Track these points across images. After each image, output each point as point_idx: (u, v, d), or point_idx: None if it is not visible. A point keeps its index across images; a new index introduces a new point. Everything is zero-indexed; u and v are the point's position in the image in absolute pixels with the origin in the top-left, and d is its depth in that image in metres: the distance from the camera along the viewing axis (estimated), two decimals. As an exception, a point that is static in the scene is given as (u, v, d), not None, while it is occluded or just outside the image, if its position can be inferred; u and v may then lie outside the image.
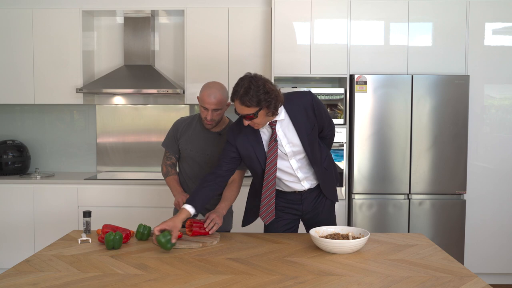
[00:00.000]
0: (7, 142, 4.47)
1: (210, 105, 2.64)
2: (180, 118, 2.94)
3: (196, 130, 2.81)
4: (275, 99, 2.34)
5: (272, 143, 2.48)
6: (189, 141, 2.81)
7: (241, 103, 2.34)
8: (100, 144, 4.72)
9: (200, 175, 2.75)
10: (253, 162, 2.54)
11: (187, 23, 4.32)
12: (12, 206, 4.19)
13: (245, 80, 2.35)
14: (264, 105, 2.33)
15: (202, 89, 2.71)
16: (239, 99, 2.34)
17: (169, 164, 2.88)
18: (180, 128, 2.84)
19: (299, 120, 2.50)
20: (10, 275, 1.98)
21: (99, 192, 4.17)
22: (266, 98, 2.31)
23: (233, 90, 2.38)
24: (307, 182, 2.62)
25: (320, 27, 4.11)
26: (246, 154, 2.53)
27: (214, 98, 2.65)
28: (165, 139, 2.91)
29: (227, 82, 4.31)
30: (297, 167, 2.57)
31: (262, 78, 2.37)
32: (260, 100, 2.31)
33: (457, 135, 4.01)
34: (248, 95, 2.30)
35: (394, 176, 4.01)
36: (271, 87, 2.35)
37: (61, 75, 4.38)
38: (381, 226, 4.01)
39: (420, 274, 2.01)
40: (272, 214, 2.57)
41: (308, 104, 2.51)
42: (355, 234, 2.40)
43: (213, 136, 2.79)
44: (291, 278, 1.96)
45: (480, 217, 4.14)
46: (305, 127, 2.51)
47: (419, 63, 4.08)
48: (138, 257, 2.23)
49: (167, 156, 2.89)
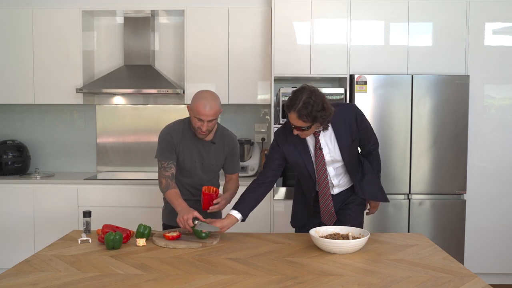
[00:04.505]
0: (7, 142, 4.47)
1: (206, 117, 2.54)
2: (168, 127, 2.75)
3: (190, 140, 2.72)
4: (329, 117, 2.40)
5: (318, 151, 2.56)
6: (185, 151, 2.71)
7: (298, 117, 2.35)
8: (100, 144, 4.72)
9: (195, 184, 2.78)
10: (301, 168, 2.63)
11: (187, 23, 4.32)
12: (12, 206, 4.19)
13: (304, 92, 2.35)
14: (319, 122, 2.39)
15: (196, 99, 2.58)
16: (296, 112, 2.33)
17: (168, 175, 2.65)
18: (175, 137, 2.69)
19: (341, 131, 2.56)
20: (10, 275, 1.98)
21: (99, 192, 4.17)
22: (322, 115, 2.36)
23: (289, 101, 2.38)
24: (338, 189, 2.71)
25: (320, 27, 4.11)
26: (294, 161, 2.62)
27: (210, 109, 2.54)
28: (160, 150, 2.70)
29: (227, 82, 4.32)
30: (334, 174, 2.66)
31: (320, 94, 2.39)
32: (316, 117, 2.35)
33: (457, 135, 4.01)
34: (306, 110, 2.31)
35: (394, 176, 4.01)
36: (328, 104, 2.38)
37: (61, 75, 4.38)
38: (381, 226, 4.01)
39: (420, 274, 2.01)
40: (333, 217, 2.69)
41: (351, 117, 2.58)
42: (355, 234, 2.40)
43: (208, 145, 2.74)
44: (291, 278, 1.96)
45: (480, 217, 4.14)
46: (346, 139, 2.58)
47: (419, 63, 4.08)
48: (138, 257, 2.23)
49: (164, 167, 2.67)
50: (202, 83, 4.34)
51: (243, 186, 2.78)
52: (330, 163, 2.61)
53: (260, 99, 4.37)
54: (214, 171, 2.82)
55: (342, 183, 2.71)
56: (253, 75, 4.32)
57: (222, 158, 2.79)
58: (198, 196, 2.76)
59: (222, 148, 2.77)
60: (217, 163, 2.79)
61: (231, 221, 2.52)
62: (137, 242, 2.41)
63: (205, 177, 2.80)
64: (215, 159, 2.77)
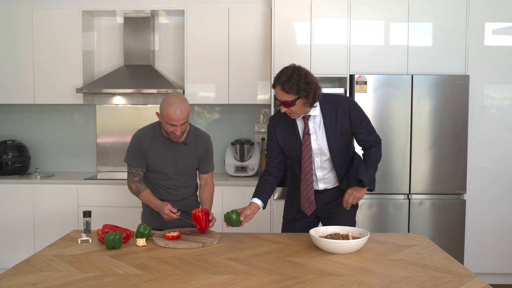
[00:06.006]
0: (7, 142, 4.47)
1: (178, 121, 2.56)
2: (139, 131, 2.80)
3: (162, 144, 2.73)
4: (314, 91, 2.44)
5: (306, 136, 2.58)
6: (156, 155, 2.72)
7: (281, 89, 2.43)
8: (100, 144, 4.72)
9: (171, 185, 2.79)
10: (290, 151, 2.66)
11: (187, 23, 4.32)
12: (12, 206, 4.19)
13: (289, 68, 2.46)
14: (303, 95, 2.43)
15: (165, 105, 2.59)
16: (280, 85, 2.43)
17: (137, 180, 2.73)
18: (144, 143, 2.72)
19: (331, 121, 2.57)
20: (10, 275, 1.98)
21: (99, 192, 4.17)
22: (306, 88, 2.41)
23: (276, 77, 2.47)
24: (323, 184, 2.69)
25: (320, 27, 4.11)
26: (285, 145, 2.65)
27: (181, 113, 2.56)
28: (128, 155, 2.76)
29: (226, 82, 4.32)
30: (319, 166, 2.64)
31: (305, 69, 2.49)
32: (300, 89, 2.41)
33: (457, 135, 4.01)
34: (289, 82, 2.40)
35: (394, 176, 4.01)
36: (312, 79, 2.46)
37: (61, 75, 4.38)
38: (381, 226, 4.01)
39: (420, 274, 2.01)
40: (312, 205, 2.66)
41: (344, 109, 2.57)
42: (355, 234, 2.40)
43: (180, 146, 2.74)
44: (291, 278, 1.96)
45: (480, 217, 4.14)
46: (335, 129, 2.57)
47: (419, 63, 4.08)
48: (138, 257, 2.23)
49: (133, 173, 2.74)
50: (202, 83, 4.35)
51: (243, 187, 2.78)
52: (317, 153, 2.60)
53: (260, 99, 4.37)
54: (190, 172, 2.82)
55: (328, 178, 2.68)
56: (253, 75, 4.32)
57: (196, 159, 2.80)
58: (178, 196, 2.80)
59: (195, 149, 2.78)
60: (192, 164, 2.80)
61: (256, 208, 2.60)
62: (137, 242, 2.42)
63: (181, 179, 2.80)
64: (189, 160, 2.77)
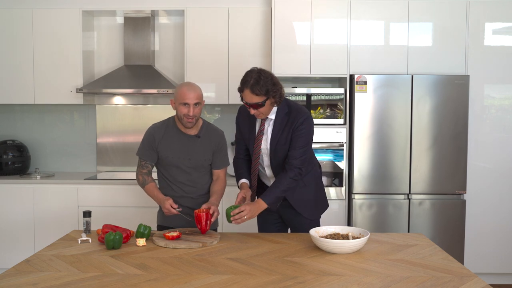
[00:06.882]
0: (7, 142, 4.47)
1: (191, 100, 2.64)
2: (153, 125, 2.86)
3: (175, 136, 2.77)
4: (279, 91, 2.58)
5: (259, 134, 2.70)
6: (169, 148, 2.76)
7: (251, 92, 2.52)
8: (100, 144, 4.72)
9: (186, 179, 2.80)
10: (249, 146, 2.78)
11: (187, 23, 4.32)
12: (12, 206, 4.19)
13: (254, 71, 2.56)
14: (271, 95, 2.55)
15: (178, 88, 2.73)
16: (249, 88, 2.52)
17: (145, 172, 2.80)
18: (156, 136, 2.77)
19: (279, 128, 2.67)
20: (10, 275, 1.98)
21: (99, 192, 4.17)
22: (273, 88, 2.54)
23: (242, 81, 2.56)
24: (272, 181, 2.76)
25: (320, 27, 4.11)
26: (244, 134, 2.79)
27: (194, 92, 2.68)
28: (140, 148, 2.82)
29: (227, 82, 4.32)
30: (267, 165, 2.76)
31: (269, 71, 2.61)
32: (268, 90, 2.52)
33: (457, 135, 4.01)
34: (258, 85, 2.50)
35: (394, 176, 4.01)
36: (276, 80, 2.60)
37: (61, 75, 4.38)
38: (381, 226, 4.01)
39: (420, 274, 2.01)
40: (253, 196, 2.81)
41: (294, 121, 2.64)
42: (355, 234, 2.40)
43: (193, 139, 2.77)
44: (291, 278, 1.96)
45: (480, 217, 4.14)
46: (278, 137, 2.66)
47: (419, 63, 4.08)
48: (138, 257, 2.23)
49: (142, 165, 2.81)
50: (202, 83, 4.30)
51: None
52: (265, 152, 2.71)
53: (260, 99, 4.36)
54: (203, 167, 2.83)
55: None
56: (253, 75, 4.32)
57: (209, 153, 2.81)
58: (191, 193, 2.80)
59: (208, 143, 2.80)
60: (205, 158, 2.80)
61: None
62: (137, 242, 2.42)
63: (195, 173, 2.80)
64: (202, 153, 2.78)
